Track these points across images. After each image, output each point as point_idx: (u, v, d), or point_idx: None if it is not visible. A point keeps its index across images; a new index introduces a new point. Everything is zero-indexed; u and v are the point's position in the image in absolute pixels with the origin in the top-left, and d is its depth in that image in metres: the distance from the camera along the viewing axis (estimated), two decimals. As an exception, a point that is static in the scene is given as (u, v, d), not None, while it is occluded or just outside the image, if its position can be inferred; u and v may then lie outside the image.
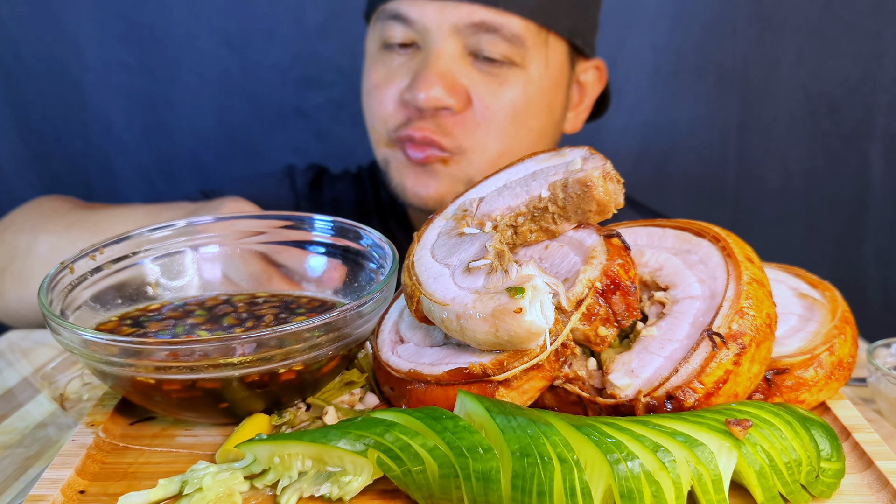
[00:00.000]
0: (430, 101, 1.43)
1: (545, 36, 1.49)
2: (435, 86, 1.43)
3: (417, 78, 1.45)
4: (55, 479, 0.80)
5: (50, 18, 2.23)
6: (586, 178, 0.86)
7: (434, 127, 1.47)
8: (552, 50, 1.51)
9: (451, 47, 1.45)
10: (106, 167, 2.37)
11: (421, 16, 1.45)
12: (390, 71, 1.51)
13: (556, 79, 1.54)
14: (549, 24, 1.48)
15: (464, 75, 1.46)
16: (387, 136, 1.54)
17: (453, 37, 1.44)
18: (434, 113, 1.46)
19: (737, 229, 1.03)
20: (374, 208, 1.83)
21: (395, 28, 1.48)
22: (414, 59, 1.49)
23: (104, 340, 0.85)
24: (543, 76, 1.51)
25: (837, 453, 0.78)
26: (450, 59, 1.45)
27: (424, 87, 1.43)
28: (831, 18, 2.21)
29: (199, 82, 2.31)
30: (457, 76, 1.46)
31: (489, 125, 1.49)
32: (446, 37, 1.44)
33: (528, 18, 1.46)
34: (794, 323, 0.96)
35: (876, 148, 2.28)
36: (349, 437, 0.75)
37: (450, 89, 1.44)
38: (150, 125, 2.34)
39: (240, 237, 1.12)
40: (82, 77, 2.28)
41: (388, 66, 1.52)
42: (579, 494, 0.69)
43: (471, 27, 1.43)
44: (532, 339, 0.80)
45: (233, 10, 2.25)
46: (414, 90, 1.44)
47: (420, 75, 1.45)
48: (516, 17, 1.45)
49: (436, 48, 1.45)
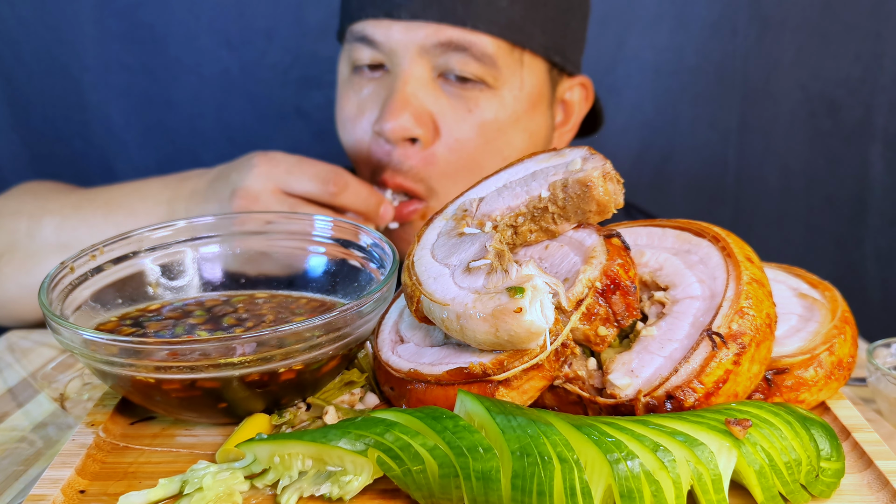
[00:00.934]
0: (396, 131, 1.36)
1: (519, 55, 1.42)
2: (402, 114, 1.36)
3: (384, 107, 1.38)
4: (55, 478, 0.80)
5: (50, 18, 2.23)
6: (586, 178, 0.86)
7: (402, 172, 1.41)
8: (528, 69, 1.44)
9: (419, 70, 1.38)
10: (106, 167, 2.37)
11: (387, 38, 1.38)
12: (361, 101, 1.45)
13: (533, 100, 1.46)
14: (523, 42, 1.41)
15: (432, 101, 1.39)
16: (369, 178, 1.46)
17: (421, 58, 1.38)
18: (403, 150, 1.40)
19: (737, 229, 1.03)
20: None
21: (362, 50, 1.42)
22: (382, 84, 1.42)
23: (104, 340, 0.85)
24: (518, 98, 1.43)
25: (837, 453, 0.78)
26: (417, 82, 1.38)
27: (391, 117, 1.36)
28: (831, 18, 2.21)
29: (199, 82, 2.30)
30: (425, 102, 1.39)
31: (459, 157, 1.42)
32: (413, 58, 1.38)
33: (499, 37, 1.38)
34: (794, 323, 0.96)
35: (876, 148, 2.28)
36: (349, 436, 0.75)
37: (417, 118, 1.37)
38: (150, 125, 2.34)
39: (240, 237, 1.12)
40: (82, 77, 2.28)
41: (359, 94, 1.45)
42: (579, 494, 0.70)
43: (438, 47, 1.37)
44: (532, 338, 0.80)
45: (233, 10, 2.25)
46: (382, 120, 1.37)
47: (387, 104, 1.38)
48: (486, 36, 1.37)
49: (403, 71, 1.38)
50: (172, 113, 2.33)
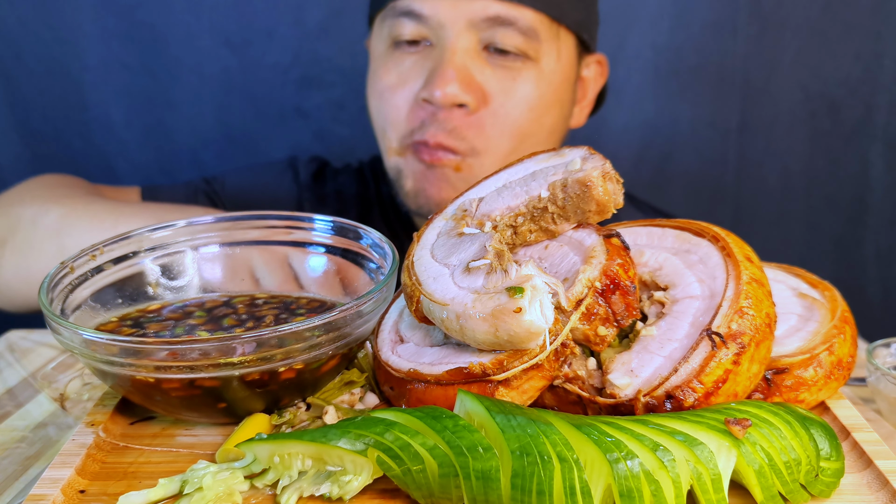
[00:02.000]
0: (447, 97, 1.42)
1: (556, 29, 1.50)
2: (451, 82, 1.42)
3: (434, 75, 1.44)
4: (55, 478, 0.81)
5: (50, 18, 2.23)
6: (586, 177, 0.86)
7: (446, 131, 1.46)
8: (563, 44, 1.52)
9: (465, 42, 1.44)
10: (106, 167, 2.37)
11: (435, 11, 1.44)
12: (402, 72, 1.50)
13: (566, 73, 1.55)
14: (560, 17, 1.49)
15: (478, 71, 1.46)
16: (399, 144, 1.52)
17: (468, 31, 1.44)
18: (449, 112, 1.45)
19: (737, 229, 1.03)
20: (377, 202, 1.82)
21: (406, 25, 1.47)
22: (426, 57, 1.48)
23: (104, 340, 0.85)
24: (555, 71, 1.51)
25: (837, 453, 0.78)
26: (465, 54, 1.45)
27: (441, 84, 1.42)
28: (831, 18, 2.21)
29: (199, 82, 2.31)
30: (472, 72, 1.45)
31: (504, 123, 1.49)
32: (461, 31, 1.44)
33: (541, 11, 1.46)
34: (794, 323, 0.96)
35: (876, 148, 2.28)
36: (349, 436, 0.75)
37: (466, 86, 1.43)
38: (150, 125, 2.34)
39: (240, 237, 1.12)
40: (82, 77, 2.28)
41: (400, 67, 1.50)
42: (579, 493, 0.70)
43: (486, 21, 1.43)
44: (531, 338, 0.80)
45: (233, 10, 2.25)
46: (431, 88, 1.43)
47: (436, 72, 1.44)
48: (529, 10, 1.45)
49: (451, 44, 1.44)
50: (172, 113, 2.33)
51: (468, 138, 1.48)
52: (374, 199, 1.82)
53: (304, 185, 1.78)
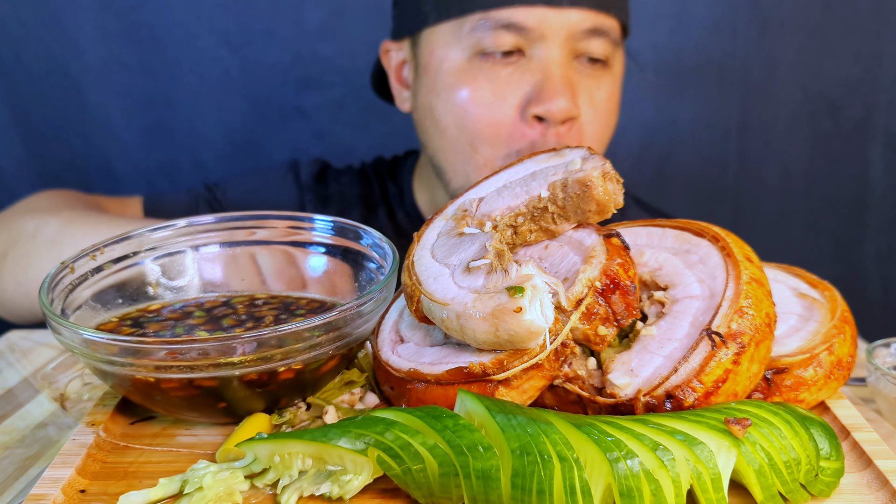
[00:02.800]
0: (563, 112, 1.42)
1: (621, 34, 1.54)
2: (563, 96, 1.42)
3: (544, 89, 1.42)
4: (56, 478, 0.81)
5: (50, 18, 2.23)
6: (586, 177, 0.86)
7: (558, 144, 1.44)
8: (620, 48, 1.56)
9: (563, 53, 1.44)
10: (106, 167, 2.37)
11: (539, 23, 1.42)
12: (497, 85, 1.46)
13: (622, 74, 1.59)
14: (626, 25, 1.55)
15: (575, 81, 1.47)
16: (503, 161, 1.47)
17: (567, 42, 1.44)
18: (557, 128, 1.44)
19: (737, 229, 1.03)
20: (382, 201, 1.81)
21: (503, 36, 1.44)
22: (523, 69, 1.45)
23: (105, 340, 0.85)
24: (619, 73, 1.56)
25: (836, 452, 0.78)
26: (566, 66, 1.45)
27: (555, 98, 1.41)
28: (831, 18, 2.21)
29: (199, 82, 2.31)
30: (574, 83, 1.46)
31: (594, 130, 1.51)
32: (562, 43, 1.43)
33: (621, 21, 1.50)
34: (794, 322, 0.96)
35: (876, 148, 2.28)
36: (349, 435, 0.75)
37: (573, 98, 1.44)
38: (150, 125, 2.34)
39: (240, 237, 1.12)
40: (82, 77, 2.28)
41: (493, 80, 1.46)
42: (579, 493, 0.70)
43: (585, 32, 1.44)
44: (532, 338, 0.80)
45: (233, 11, 2.25)
46: (544, 102, 1.41)
47: (547, 86, 1.42)
48: (614, 20, 1.48)
49: (555, 56, 1.44)
50: (172, 113, 2.33)
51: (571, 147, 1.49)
52: (380, 199, 1.81)
53: (306, 188, 1.77)
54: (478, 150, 1.49)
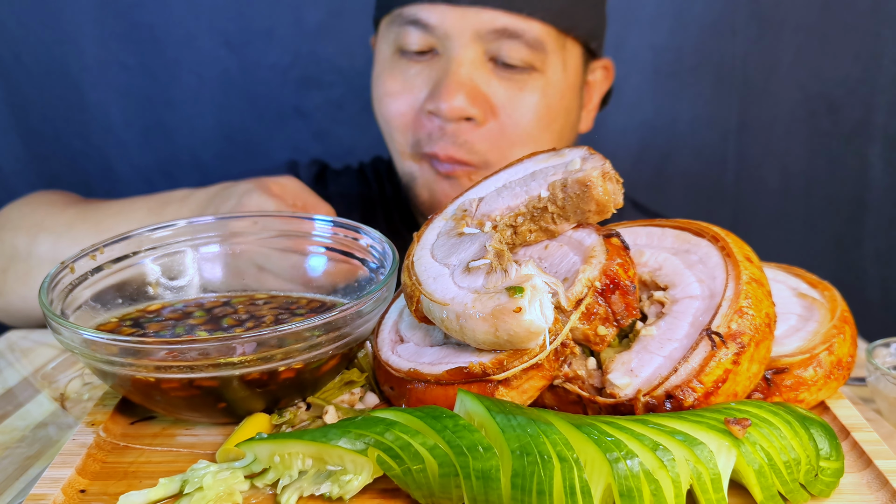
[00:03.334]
0: (453, 111, 1.40)
1: (563, 40, 1.48)
2: (458, 95, 1.40)
3: (439, 87, 1.42)
4: (56, 478, 0.81)
5: (50, 18, 2.23)
6: (585, 177, 0.86)
7: (457, 145, 1.44)
8: (569, 54, 1.50)
9: (471, 54, 1.42)
10: (106, 167, 2.37)
11: (442, 22, 1.41)
12: (407, 79, 1.48)
13: (572, 82, 1.53)
14: (569, 29, 1.47)
15: (485, 83, 1.44)
16: (411, 150, 1.51)
17: (474, 43, 1.41)
18: (457, 126, 1.43)
19: (737, 229, 1.03)
20: (380, 202, 1.81)
21: (412, 34, 1.44)
22: (432, 66, 1.46)
23: (105, 340, 0.85)
24: (561, 80, 1.50)
25: (836, 452, 0.78)
26: (471, 66, 1.42)
27: (447, 97, 1.40)
28: (831, 18, 2.21)
29: (199, 82, 2.31)
30: (478, 84, 1.43)
31: (513, 135, 1.47)
32: (467, 43, 1.41)
33: (549, 23, 1.44)
34: (794, 322, 0.96)
35: (876, 148, 2.28)
36: (349, 436, 0.75)
37: (472, 99, 1.41)
38: (150, 125, 2.34)
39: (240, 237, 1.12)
40: (82, 77, 2.28)
41: (405, 74, 1.48)
42: (579, 493, 0.70)
43: (493, 33, 1.41)
44: (531, 338, 0.80)
45: (233, 10, 2.25)
46: (437, 100, 1.41)
47: (442, 85, 1.42)
48: (537, 23, 1.42)
49: (457, 55, 1.42)
50: (172, 113, 2.33)
51: (480, 151, 1.46)
52: (378, 199, 1.82)
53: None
54: (393, 138, 1.54)
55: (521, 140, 1.48)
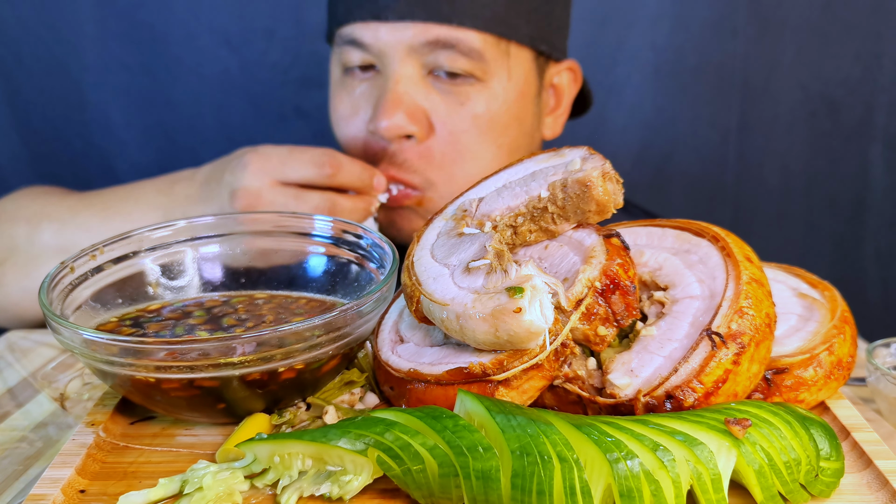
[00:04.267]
0: (391, 129, 1.38)
1: (506, 47, 1.43)
2: (396, 113, 1.38)
3: (378, 106, 1.40)
4: (56, 478, 0.81)
5: (50, 18, 2.23)
6: (585, 178, 0.86)
7: (397, 166, 1.43)
8: (514, 60, 1.45)
9: (408, 69, 1.40)
10: (106, 167, 2.37)
11: (375, 39, 1.40)
12: (353, 100, 1.47)
13: (522, 89, 1.48)
14: (509, 34, 1.42)
15: (424, 98, 1.41)
16: None
17: (410, 57, 1.39)
18: (399, 145, 1.41)
19: (737, 229, 1.03)
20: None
21: (351, 53, 1.44)
22: (374, 84, 1.44)
23: (105, 340, 0.85)
24: (507, 88, 1.45)
25: (837, 453, 0.78)
26: (408, 81, 1.40)
27: (385, 116, 1.38)
28: (831, 18, 2.21)
29: (198, 82, 2.31)
30: (417, 99, 1.41)
31: (455, 150, 1.44)
32: (403, 58, 1.39)
33: (485, 31, 1.40)
34: (794, 323, 0.96)
35: (876, 148, 2.28)
36: (349, 436, 0.75)
37: (411, 116, 1.39)
38: (150, 125, 2.34)
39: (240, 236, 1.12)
40: (82, 77, 2.28)
41: (351, 95, 1.47)
42: (579, 493, 0.70)
43: (426, 45, 1.38)
44: (531, 338, 0.80)
45: (233, 10, 2.25)
46: (376, 119, 1.39)
47: (380, 103, 1.40)
48: (472, 31, 1.39)
49: (394, 72, 1.40)
50: (172, 113, 2.33)
51: (420, 170, 1.44)
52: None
53: None
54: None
55: (464, 156, 1.44)
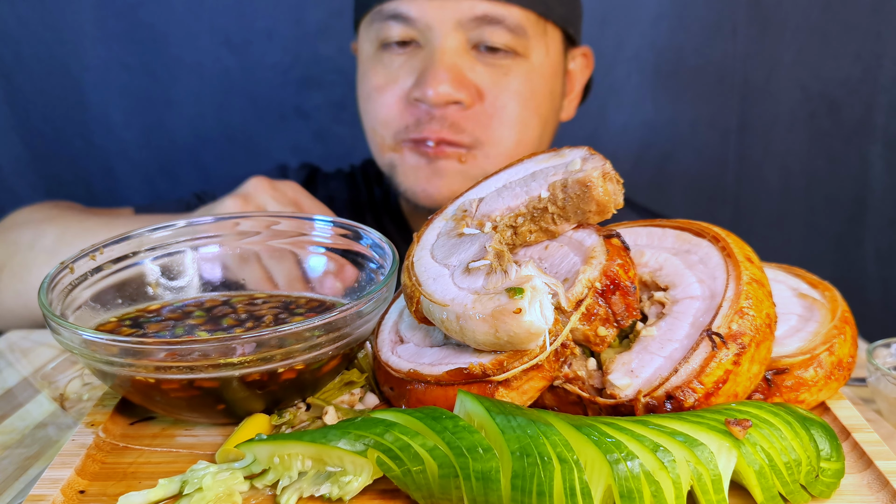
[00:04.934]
0: (439, 97, 1.43)
1: (544, 25, 1.52)
2: (444, 82, 1.43)
3: (425, 75, 1.45)
4: (55, 478, 0.80)
5: (50, 18, 2.23)
6: (586, 178, 0.86)
7: (446, 127, 1.47)
8: (550, 39, 1.54)
9: (454, 42, 1.46)
10: (106, 167, 2.37)
11: (423, 14, 1.45)
12: (391, 72, 1.51)
13: (555, 67, 1.58)
14: (547, 14, 1.52)
15: (469, 69, 1.47)
16: (393, 140, 1.53)
17: (456, 31, 1.45)
18: (443, 110, 1.46)
19: (737, 229, 1.03)
20: (369, 206, 1.83)
21: (393, 27, 1.48)
22: (415, 57, 1.49)
23: (104, 340, 0.85)
24: (544, 64, 1.54)
25: (837, 453, 0.78)
26: (454, 53, 1.46)
27: (433, 84, 1.43)
28: (831, 18, 2.21)
29: (199, 82, 2.31)
30: (463, 70, 1.46)
31: (501, 116, 1.50)
32: (449, 32, 1.45)
33: (528, 8, 1.48)
34: (794, 323, 0.96)
35: (876, 148, 2.28)
36: (349, 437, 0.75)
37: (458, 84, 1.45)
38: (150, 125, 2.34)
39: (240, 237, 1.12)
40: (82, 77, 2.28)
41: (388, 67, 1.51)
42: (579, 494, 0.70)
43: (474, 21, 1.45)
44: (531, 339, 0.80)
45: (233, 10, 2.25)
46: (423, 87, 1.44)
47: (427, 72, 1.45)
48: (516, 8, 1.47)
49: (440, 44, 1.45)
50: (172, 113, 2.33)
51: (469, 131, 1.49)
52: (367, 204, 1.83)
53: None
54: (376, 132, 1.57)
55: (510, 122, 1.51)
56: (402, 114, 1.50)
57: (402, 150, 1.53)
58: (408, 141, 1.51)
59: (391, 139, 1.53)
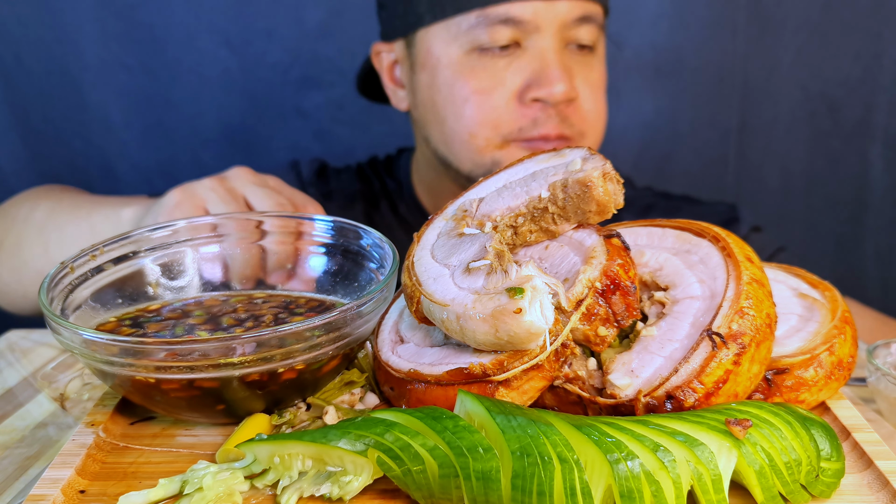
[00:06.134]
0: (563, 94, 1.52)
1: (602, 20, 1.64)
2: (562, 80, 1.51)
3: (544, 75, 1.52)
4: (55, 478, 0.81)
5: (50, 18, 2.23)
6: (586, 178, 0.86)
7: (564, 123, 1.55)
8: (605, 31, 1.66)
9: (556, 42, 1.53)
10: (106, 167, 2.37)
11: (534, 17, 1.51)
12: (495, 74, 1.55)
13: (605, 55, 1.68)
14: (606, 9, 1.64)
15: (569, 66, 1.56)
16: (501, 140, 1.57)
17: (559, 31, 1.53)
18: (558, 107, 1.54)
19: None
20: (383, 195, 1.85)
21: (501, 31, 1.52)
22: (519, 58, 1.54)
23: (104, 340, 0.85)
24: (603, 55, 1.66)
25: (837, 453, 0.78)
26: (560, 53, 1.54)
27: (556, 83, 1.51)
28: (831, 18, 2.21)
29: (199, 82, 2.30)
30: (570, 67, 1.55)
31: (591, 108, 1.61)
32: (555, 33, 1.53)
33: (603, 6, 1.61)
34: (794, 323, 0.96)
35: (876, 148, 2.28)
36: (349, 436, 0.75)
37: (570, 82, 1.53)
38: (150, 125, 2.34)
39: (240, 236, 1.12)
40: (82, 77, 2.28)
41: (491, 70, 1.55)
42: (579, 494, 0.70)
43: (576, 20, 1.54)
44: (532, 339, 0.80)
45: (233, 10, 2.25)
46: (546, 87, 1.51)
47: (546, 72, 1.52)
48: (598, 6, 1.58)
49: (549, 45, 1.53)
50: (172, 113, 2.33)
51: (577, 124, 1.58)
52: (381, 194, 1.85)
53: (308, 183, 1.81)
54: (477, 135, 1.58)
55: (599, 113, 1.63)
56: (514, 114, 1.55)
57: (508, 147, 1.57)
58: (520, 140, 1.56)
59: (499, 139, 1.57)
